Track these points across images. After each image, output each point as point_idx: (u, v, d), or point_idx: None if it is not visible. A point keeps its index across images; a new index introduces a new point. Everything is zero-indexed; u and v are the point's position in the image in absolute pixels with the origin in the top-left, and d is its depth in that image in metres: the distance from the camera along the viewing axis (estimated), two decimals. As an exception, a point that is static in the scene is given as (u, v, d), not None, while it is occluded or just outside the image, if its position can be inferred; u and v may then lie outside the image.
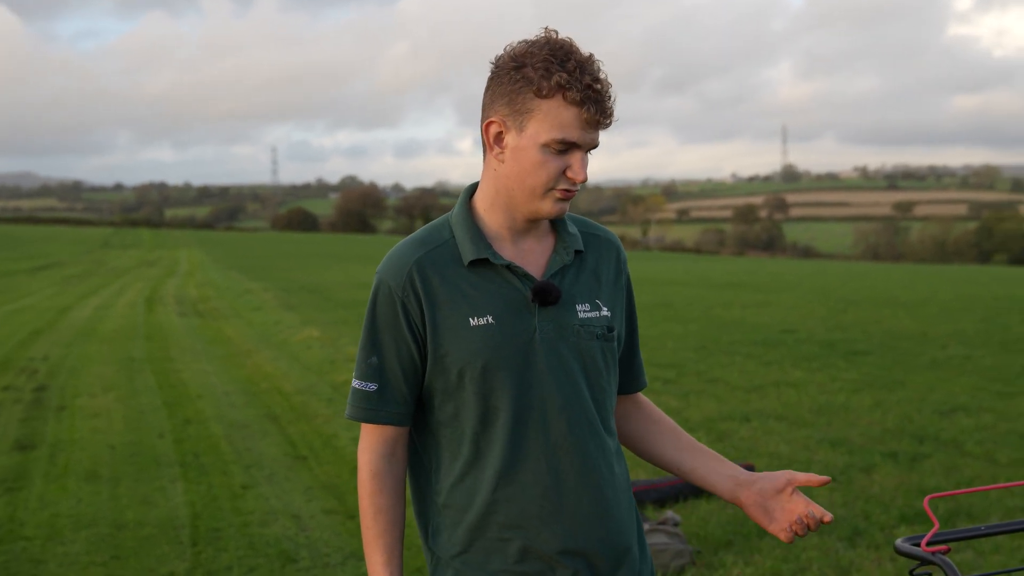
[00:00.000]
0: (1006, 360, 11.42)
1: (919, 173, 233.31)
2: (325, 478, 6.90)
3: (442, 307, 1.99)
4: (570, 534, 2.00)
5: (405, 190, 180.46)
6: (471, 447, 2.01)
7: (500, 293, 2.00)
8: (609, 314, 2.07)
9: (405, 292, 2.00)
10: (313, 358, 12.45)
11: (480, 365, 1.97)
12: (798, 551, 5.14)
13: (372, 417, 2.04)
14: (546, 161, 1.93)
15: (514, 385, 1.98)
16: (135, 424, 8.73)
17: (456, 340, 1.98)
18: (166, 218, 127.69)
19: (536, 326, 1.99)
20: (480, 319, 1.98)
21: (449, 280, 2.00)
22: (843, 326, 15.03)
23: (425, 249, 2.03)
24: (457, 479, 2.03)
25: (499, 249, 2.03)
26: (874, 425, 8.02)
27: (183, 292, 24.26)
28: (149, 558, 5.36)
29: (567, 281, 2.04)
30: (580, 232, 2.12)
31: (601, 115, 1.91)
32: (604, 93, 1.91)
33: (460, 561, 2.03)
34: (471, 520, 2.01)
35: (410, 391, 2.04)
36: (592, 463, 2.03)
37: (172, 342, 14.53)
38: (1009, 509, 5.75)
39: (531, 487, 2.00)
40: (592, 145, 1.96)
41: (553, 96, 1.89)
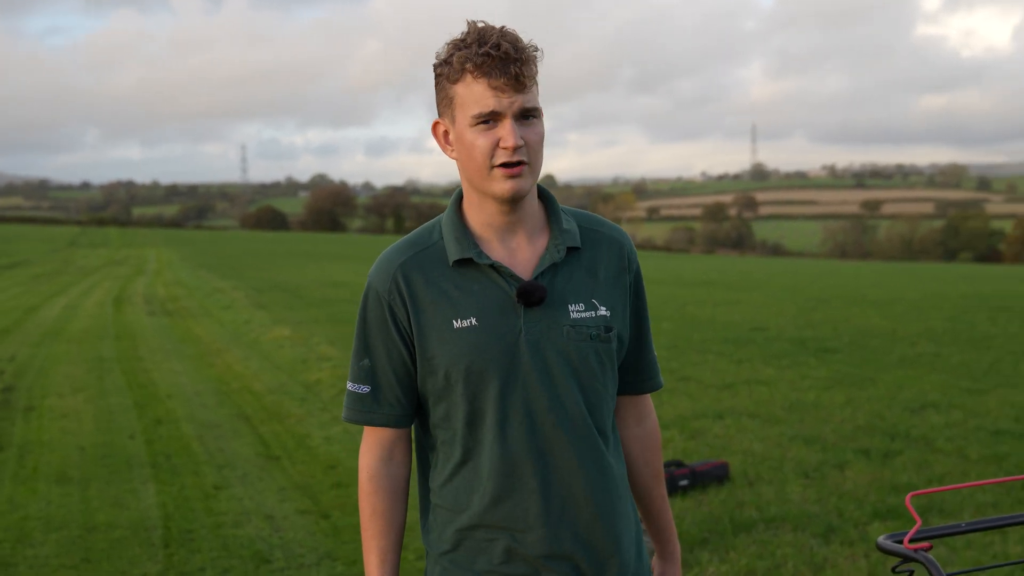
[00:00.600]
0: (974, 357, 11.53)
1: (886, 172, 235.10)
2: (299, 478, 6.86)
3: (427, 309, 1.99)
4: (555, 538, 1.99)
5: (376, 189, 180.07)
6: (460, 448, 2.01)
7: (485, 294, 1.98)
8: (608, 313, 2.02)
9: (391, 295, 2.01)
10: (285, 357, 12.38)
11: (464, 367, 1.96)
12: (773, 548, 5.16)
13: (366, 419, 2.06)
14: (477, 138, 1.91)
15: (499, 387, 1.97)
16: (105, 425, 8.65)
17: (441, 343, 1.97)
18: (134, 217, 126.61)
19: (522, 327, 1.97)
20: (463, 321, 1.97)
21: (434, 282, 1.99)
22: (813, 324, 15.12)
23: (413, 251, 2.03)
24: (447, 479, 2.04)
25: (487, 249, 2.00)
26: (846, 422, 8.07)
27: (152, 291, 24.07)
28: (121, 560, 5.30)
29: (558, 280, 2.00)
30: (580, 228, 2.07)
31: (506, 77, 1.87)
32: (508, 56, 1.87)
33: (448, 559, 2.04)
34: (459, 520, 2.02)
35: (404, 393, 2.04)
36: (581, 467, 2.00)
37: (141, 342, 14.41)
38: (980, 505, 5.79)
39: (517, 490, 1.99)
40: (519, 110, 1.90)
41: (462, 77, 1.91)
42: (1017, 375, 10.25)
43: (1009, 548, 5.07)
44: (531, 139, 1.92)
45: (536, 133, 1.93)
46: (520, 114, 1.91)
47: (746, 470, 6.55)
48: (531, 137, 1.92)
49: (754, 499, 5.96)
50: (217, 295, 21.82)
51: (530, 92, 1.91)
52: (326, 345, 12.90)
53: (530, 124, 1.92)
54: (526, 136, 1.91)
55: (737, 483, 6.33)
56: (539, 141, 1.94)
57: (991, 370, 10.61)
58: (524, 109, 1.91)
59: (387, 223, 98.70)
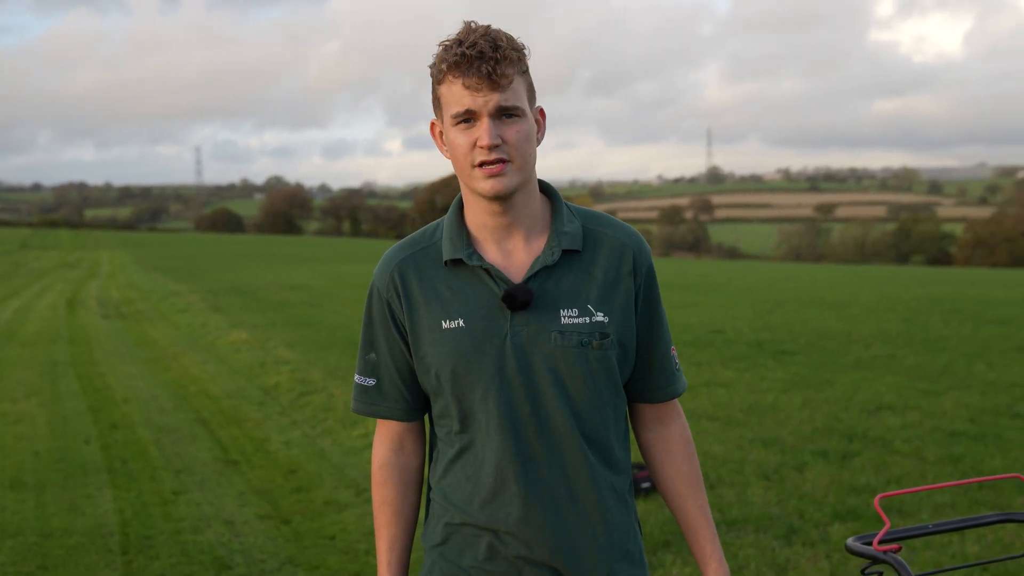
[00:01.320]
0: (929, 359, 11.67)
1: (840, 175, 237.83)
2: (258, 483, 6.80)
3: (419, 308, 2.01)
4: (536, 543, 1.98)
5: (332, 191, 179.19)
6: (454, 445, 2.04)
7: (475, 296, 1.98)
8: (604, 319, 1.98)
9: (389, 292, 2.04)
10: (242, 361, 12.27)
11: (450, 368, 1.97)
12: (735, 550, 5.19)
13: (371, 411, 2.11)
14: (457, 137, 1.93)
15: (483, 390, 1.96)
16: (59, 430, 8.52)
17: (431, 342, 1.99)
18: (86, 219, 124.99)
19: (508, 331, 1.96)
20: (452, 322, 1.97)
21: (427, 281, 2.01)
22: (770, 326, 15.24)
23: (412, 249, 2.05)
24: (442, 474, 2.07)
25: (483, 250, 2.00)
26: (804, 424, 8.13)
27: (105, 294, 23.76)
28: (78, 567, 5.22)
29: (550, 284, 1.98)
30: (585, 229, 2.03)
31: (479, 76, 1.87)
32: (484, 55, 1.87)
33: (437, 552, 2.07)
34: (450, 515, 2.04)
35: (407, 387, 2.07)
36: (565, 474, 1.98)
37: (96, 345, 14.22)
38: (938, 505, 5.86)
39: (501, 492, 1.99)
40: (494, 109, 1.89)
41: (444, 78, 1.92)
42: (971, 377, 10.39)
43: (967, 548, 5.13)
44: (510, 137, 1.90)
45: (516, 131, 1.91)
46: (497, 112, 1.90)
47: (707, 472, 6.58)
48: (510, 135, 1.90)
49: (715, 501, 5.99)
50: (172, 298, 21.60)
51: (508, 90, 1.89)
52: (284, 348, 12.81)
53: (510, 122, 1.91)
54: (505, 134, 1.90)
55: (698, 485, 6.35)
56: (521, 139, 1.92)
57: (945, 372, 10.74)
58: (500, 108, 1.89)
59: (344, 225, 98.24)
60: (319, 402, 9.41)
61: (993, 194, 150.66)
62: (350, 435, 8.05)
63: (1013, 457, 7.03)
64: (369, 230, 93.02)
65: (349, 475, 6.95)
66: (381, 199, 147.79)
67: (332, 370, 11.01)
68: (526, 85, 1.94)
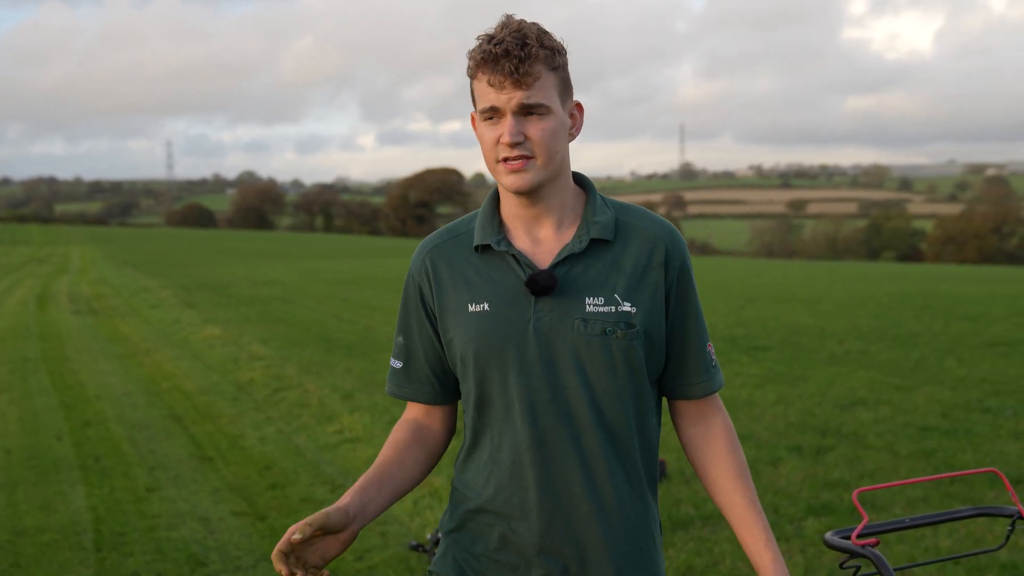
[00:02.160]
0: (901, 354, 11.76)
1: (811, 172, 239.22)
2: (233, 479, 6.76)
3: (448, 292, 2.04)
4: (547, 531, 1.99)
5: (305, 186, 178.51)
6: (472, 432, 2.07)
7: (501, 281, 2.00)
8: (631, 310, 1.97)
9: (420, 277, 2.08)
10: (215, 357, 12.21)
11: (473, 351, 2.00)
12: (711, 545, 5.22)
13: (398, 392, 2.16)
14: (484, 133, 1.96)
15: (504, 374, 1.98)
16: (31, 427, 8.45)
17: (457, 325, 2.02)
18: (56, 213, 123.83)
19: (531, 316, 1.97)
20: (477, 306, 2.00)
21: (457, 267, 2.04)
22: (744, 322, 15.31)
23: (447, 237, 2.09)
24: (463, 460, 2.10)
25: (513, 237, 2.03)
26: (778, 419, 8.18)
27: (76, 290, 23.57)
28: (51, 565, 5.18)
29: (576, 271, 1.98)
30: (618, 220, 2.03)
31: (502, 74, 1.90)
32: (509, 52, 1.89)
33: (452, 538, 2.10)
34: (468, 502, 2.07)
35: (433, 371, 2.12)
36: (581, 463, 1.98)
37: (67, 341, 14.10)
38: (911, 499, 5.91)
39: (516, 478, 2.00)
40: (517, 107, 1.91)
41: (475, 74, 1.95)
42: (942, 372, 10.48)
43: (940, 541, 5.18)
44: (533, 134, 1.92)
45: (539, 128, 1.92)
46: (519, 110, 1.92)
47: (683, 467, 6.60)
48: (533, 132, 1.92)
49: (691, 496, 6.02)
50: (144, 293, 21.45)
51: (532, 88, 1.90)
52: (257, 344, 12.75)
53: (534, 120, 1.93)
54: (528, 131, 1.92)
55: (674, 480, 6.38)
56: (546, 136, 1.93)
57: (917, 367, 10.83)
58: (522, 105, 1.91)
59: (316, 221, 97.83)
60: (294, 398, 9.37)
61: (963, 191, 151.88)
62: (325, 431, 8.03)
63: (984, 451, 7.09)
64: (342, 225, 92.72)
65: (324, 471, 6.93)
66: (354, 194, 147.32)
67: (306, 366, 10.97)
68: (557, 82, 1.95)
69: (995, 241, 62.77)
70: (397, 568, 5.10)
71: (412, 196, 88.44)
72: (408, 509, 5.98)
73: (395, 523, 5.79)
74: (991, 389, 9.47)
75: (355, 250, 47.54)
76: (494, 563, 2.03)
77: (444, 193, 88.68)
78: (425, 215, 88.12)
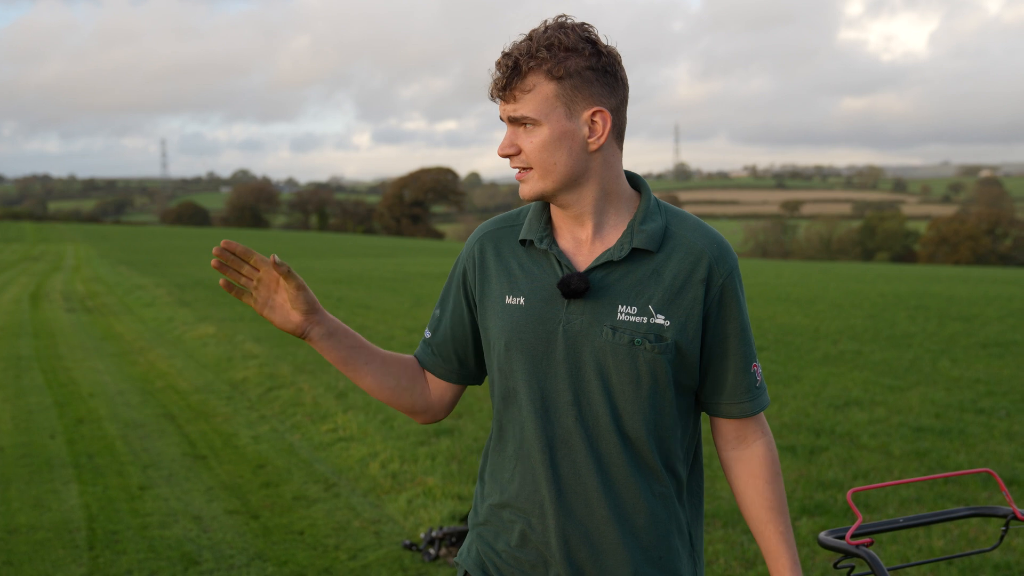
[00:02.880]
0: (895, 355, 11.77)
1: (806, 173, 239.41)
2: (226, 478, 6.75)
3: (491, 281, 2.06)
4: (563, 533, 1.98)
5: (299, 185, 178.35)
6: (498, 425, 2.09)
7: (541, 277, 2.01)
8: (665, 323, 1.94)
9: (469, 260, 2.11)
10: (209, 356, 12.19)
11: (503, 343, 2.01)
12: (704, 544, 5.21)
13: (420, 356, 2.20)
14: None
15: (528, 370, 1.99)
16: (24, 425, 8.43)
17: (493, 315, 2.04)
18: (50, 211, 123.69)
19: (562, 318, 1.97)
20: (514, 299, 2.02)
21: (503, 257, 2.06)
22: (738, 322, 15.32)
23: (501, 225, 2.11)
24: (490, 453, 2.11)
25: (559, 236, 2.03)
26: (772, 419, 8.18)
27: (70, 288, 23.53)
28: (44, 563, 5.17)
29: (612, 278, 1.96)
30: (667, 230, 2.00)
31: (497, 88, 1.94)
32: (506, 66, 1.91)
33: (476, 532, 2.12)
34: (493, 496, 2.08)
35: (455, 350, 2.15)
36: (599, 468, 1.97)
37: (61, 339, 14.07)
38: (904, 499, 5.91)
39: (533, 476, 2.01)
40: (509, 119, 1.94)
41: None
42: (936, 373, 10.49)
43: (933, 542, 5.18)
44: (524, 145, 1.94)
45: (531, 141, 1.93)
46: (513, 121, 1.95)
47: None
48: (524, 144, 1.94)
49: (685, 496, 6.01)
50: (138, 292, 21.42)
51: (519, 102, 1.91)
52: (251, 343, 12.73)
53: (526, 131, 1.94)
54: (520, 143, 1.94)
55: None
56: (535, 148, 1.93)
57: (911, 368, 10.84)
58: (511, 118, 1.94)
59: (311, 220, 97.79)
60: (288, 397, 9.36)
61: (957, 192, 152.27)
62: (319, 430, 8.02)
63: (977, 452, 7.10)
64: (337, 224, 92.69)
65: (318, 470, 6.92)
66: (349, 193, 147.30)
67: (300, 365, 10.95)
68: (560, 91, 1.91)
69: (989, 242, 62.91)
70: (391, 567, 5.09)
71: (407, 195, 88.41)
72: (402, 508, 5.98)
73: (389, 522, 5.79)
74: (985, 390, 9.48)
75: (350, 249, 47.51)
76: (514, 560, 2.03)
77: (439, 192, 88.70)
78: (420, 214, 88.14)
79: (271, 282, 2.02)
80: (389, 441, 7.42)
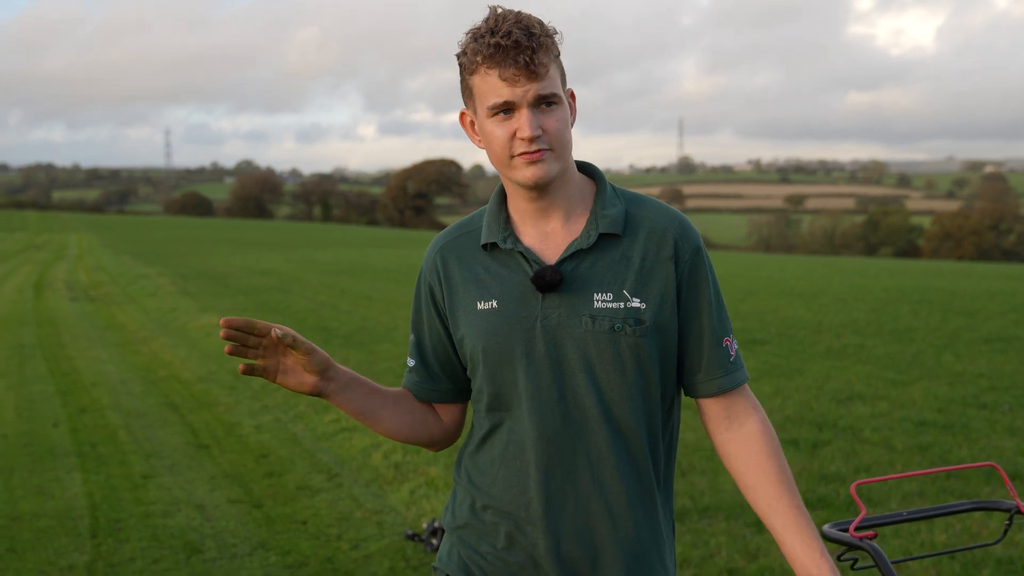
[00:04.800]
0: (897, 349, 11.76)
1: (810, 167, 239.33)
2: (229, 467, 6.76)
3: (458, 290, 2.02)
4: (553, 531, 1.96)
5: (303, 176, 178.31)
6: (481, 428, 2.05)
7: (509, 278, 1.98)
8: (641, 306, 1.92)
9: (431, 275, 2.07)
10: (213, 345, 12.20)
11: (482, 349, 1.98)
12: (707, 537, 5.22)
13: (407, 385, 2.16)
14: (495, 130, 1.90)
15: (511, 372, 1.96)
16: (27, 413, 8.44)
17: (467, 323, 2.00)
18: (54, 200, 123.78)
19: (539, 314, 1.94)
20: (486, 303, 1.98)
21: (467, 264, 2.02)
22: (742, 315, 15.31)
23: (457, 234, 2.07)
24: (469, 456, 2.08)
25: (521, 233, 1.99)
26: (775, 412, 8.17)
27: (73, 277, 23.56)
28: (47, 550, 5.18)
29: (584, 267, 1.94)
30: (628, 213, 1.98)
31: (516, 67, 1.84)
32: (520, 44, 1.83)
33: (456, 536, 2.07)
34: (475, 498, 2.04)
35: (443, 369, 2.11)
36: (589, 463, 1.95)
37: (64, 328, 14.09)
38: (907, 494, 5.91)
39: (523, 477, 1.98)
40: (534, 99, 1.86)
41: (477, 69, 1.89)
42: (939, 367, 10.48)
43: (935, 536, 5.18)
44: (550, 126, 1.88)
45: (555, 119, 1.88)
46: (535, 102, 1.87)
47: (679, 460, 6.61)
48: (549, 124, 1.88)
49: (688, 489, 6.02)
50: (141, 281, 21.43)
51: (545, 79, 1.86)
52: (255, 333, 12.74)
53: (549, 111, 1.88)
54: (544, 123, 1.88)
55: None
56: (560, 127, 1.89)
57: (914, 362, 10.83)
58: (539, 96, 1.86)
59: (314, 210, 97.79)
60: (290, 387, 9.36)
61: (961, 188, 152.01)
62: (322, 420, 8.03)
63: (980, 447, 7.10)
64: (340, 215, 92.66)
65: (321, 460, 6.93)
66: (352, 184, 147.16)
67: (303, 355, 10.96)
68: (560, 70, 1.91)
69: (992, 238, 62.82)
70: (393, 557, 5.10)
71: (410, 187, 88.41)
72: (404, 499, 5.98)
73: (391, 512, 5.79)
74: (987, 384, 9.47)
75: (353, 240, 47.51)
76: (502, 563, 1.99)
77: (442, 184, 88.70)
78: (423, 206, 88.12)
79: (277, 346, 1.96)
80: (392, 432, 7.42)
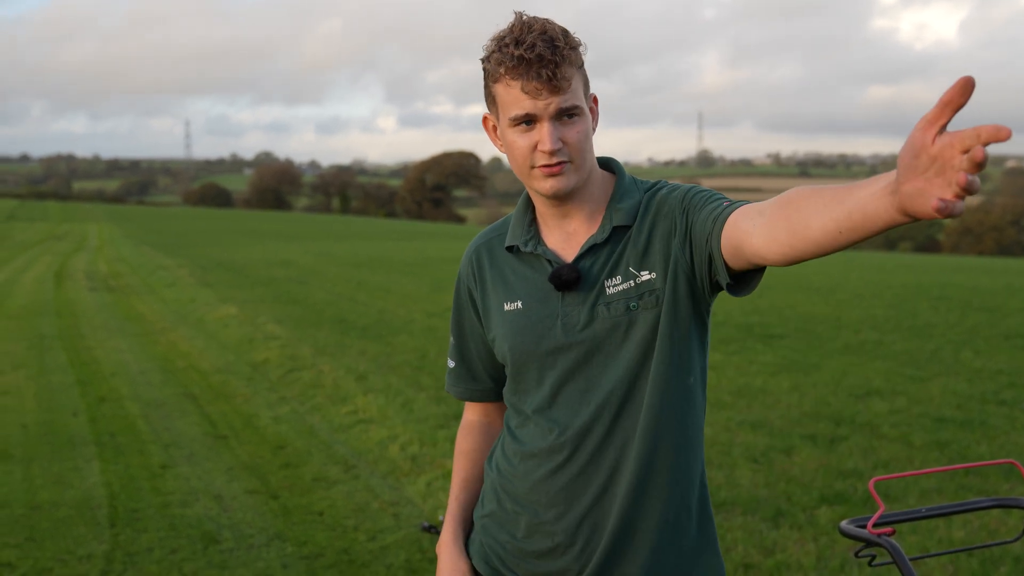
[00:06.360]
0: (916, 345, 11.70)
1: (829, 161, 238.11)
2: (247, 458, 6.79)
3: (489, 291, 2.08)
4: (575, 521, 1.98)
5: (322, 167, 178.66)
6: (511, 422, 2.11)
7: (534, 279, 2.02)
8: (651, 276, 1.92)
9: (468, 276, 2.13)
10: (231, 336, 12.25)
11: (508, 349, 2.03)
12: (723, 532, 5.21)
13: (454, 392, 2.23)
14: (517, 140, 1.90)
15: (538, 371, 2.00)
16: (47, 403, 8.50)
17: (496, 324, 2.06)
18: (74, 191, 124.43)
19: (560, 311, 1.98)
20: (512, 304, 2.03)
21: (497, 265, 2.08)
22: (759, 310, 15.26)
23: (492, 235, 2.13)
24: (499, 449, 2.13)
25: (545, 235, 2.03)
26: (792, 408, 8.15)
27: (93, 267, 23.68)
28: (66, 539, 5.22)
29: (599, 261, 1.96)
30: (647, 200, 1.98)
31: (539, 81, 1.83)
32: (543, 58, 1.83)
33: (481, 524, 2.13)
34: (497, 489, 2.09)
35: (486, 369, 2.17)
36: (614, 456, 1.96)
37: (83, 319, 14.17)
38: (925, 490, 5.88)
39: (545, 470, 2.00)
40: (555, 112, 1.85)
41: (500, 78, 1.89)
42: (958, 364, 10.42)
43: (953, 533, 5.16)
44: (570, 138, 1.88)
45: (577, 131, 1.88)
46: (557, 115, 1.87)
47: (695, 454, 6.59)
48: (570, 136, 1.88)
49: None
50: (161, 272, 21.53)
51: (567, 92, 1.86)
52: (273, 324, 12.78)
53: (570, 122, 1.88)
54: (565, 136, 1.88)
55: (687, 467, 6.37)
56: (581, 138, 1.89)
57: (933, 358, 10.78)
58: (560, 110, 1.86)
59: (333, 202, 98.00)
60: (308, 378, 9.40)
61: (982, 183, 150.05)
62: (339, 412, 8.05)
63: (999, 444, 7.06)
64: (359, 207, 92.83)
65: (338, 452, 6.95)
66: (371, 176, 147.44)
67: (321, 347, 10.99)
68: (583, 80, 1.91)
69: (1013, 233, 62.44)
70: (409, 549, 5.11)
71: (429, 179, 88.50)
72: (421, 491, 5.99)
73: (408, 504, 5.80)
74: (1007, 381, 9.41)
75: (371, 232, 47.59)
76: (519, 551, 2.04)
77: (461, 176, 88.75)
78: (441, 198, 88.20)
79: None
80: (409, 424, 7.44)
